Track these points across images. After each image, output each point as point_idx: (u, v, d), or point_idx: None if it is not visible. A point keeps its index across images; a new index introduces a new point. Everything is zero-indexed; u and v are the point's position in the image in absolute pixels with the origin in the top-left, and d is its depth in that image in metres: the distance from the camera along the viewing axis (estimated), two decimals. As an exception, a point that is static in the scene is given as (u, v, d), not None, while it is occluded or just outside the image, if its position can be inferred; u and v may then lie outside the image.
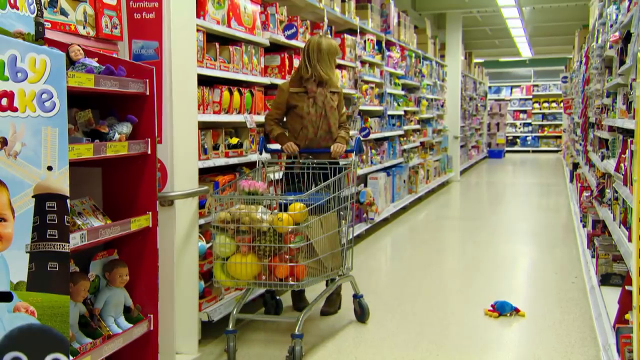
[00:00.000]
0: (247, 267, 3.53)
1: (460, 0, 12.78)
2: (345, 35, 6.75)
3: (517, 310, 4.41)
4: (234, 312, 3.68)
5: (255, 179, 3.95)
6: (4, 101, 2.14)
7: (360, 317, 4.27)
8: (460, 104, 14.27)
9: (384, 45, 8.33)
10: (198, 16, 3.91)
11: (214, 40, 4.30)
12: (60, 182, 2.24)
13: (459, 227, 8.56)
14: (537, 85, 24.73)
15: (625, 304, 3.36)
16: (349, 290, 4.31)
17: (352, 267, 4.21)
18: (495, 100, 23.92)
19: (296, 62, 5.29)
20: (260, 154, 4.26)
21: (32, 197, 2.20)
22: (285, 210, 3.67)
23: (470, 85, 16.79)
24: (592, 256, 5.19)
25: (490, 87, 23.87)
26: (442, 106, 12.98)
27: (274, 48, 5.17)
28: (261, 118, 4.71)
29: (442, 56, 13.64)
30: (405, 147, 9.53)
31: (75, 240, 2.44)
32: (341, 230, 4.07)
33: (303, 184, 4.16)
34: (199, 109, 3.88)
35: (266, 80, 4.91)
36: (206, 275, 3.99)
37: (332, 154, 4.23)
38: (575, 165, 10.42)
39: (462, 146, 14.76)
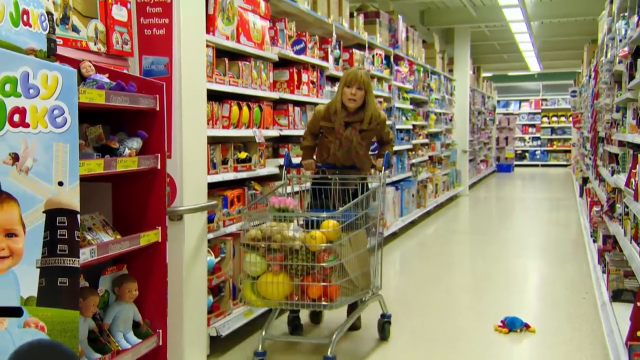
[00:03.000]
0: (278, 286, 3.43)
1: (468, 15, 12.81)
2: (354, 50, 6.78)
3: (527, 326, 4.37)
4: (263, 333, 3.59)
5: (281, 195, 3.89)
6: (16, 117, 2.16)
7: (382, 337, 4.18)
8: (469, 118, 14.26)
9: (392, 59, 8.36)
10: (208, 32, 3.94)
11: (223, 56, 4.33)
12: (71, 198, 2.25)
13: (468, 242, 8.52)
14: (545, 100, 24.69)
15: (637, 320, 3.33)
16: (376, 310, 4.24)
17: (380, 286, 4.08)
18: (504, 114, 23.90)
19: (305, 77, 5.31)
20: (285, 168, 4.21)
21: (43, 212, 2.21)
22: (316, 227, 3.54)
23: (479, 99, 16.79)
24: (603, 272, 5.15)
25: (498, 101, 23.86)
26: (451, 120, 12.97)
27: (283, 63, 5.20)
28: (270, 133, 4.73)
29: (451, 70, 13.66)
30: (413, 161, 9.52)
31: (85, 255, 2.45)
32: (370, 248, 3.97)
33: (329, 199, 4.05)
34: (208, 123, 3.89)
35: (275, 95, 4.93)
36: (214, 290, 3.99)
37: (377, 169, 4.15)
38: (585, 180, 10.37)
39: (470, 160, 14.73)
